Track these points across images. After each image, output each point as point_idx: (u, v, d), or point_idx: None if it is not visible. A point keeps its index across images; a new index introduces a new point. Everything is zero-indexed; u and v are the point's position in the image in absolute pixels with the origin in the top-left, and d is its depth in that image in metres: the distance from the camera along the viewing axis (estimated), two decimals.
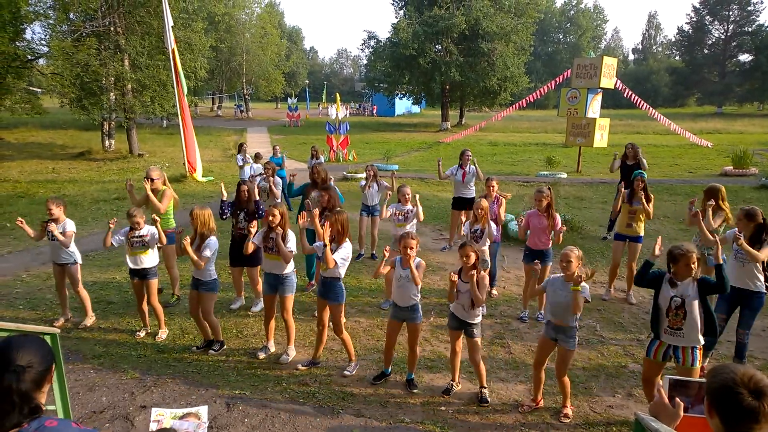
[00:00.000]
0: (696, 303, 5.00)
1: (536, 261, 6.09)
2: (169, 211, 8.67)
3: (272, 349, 7.10)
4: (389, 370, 6.49)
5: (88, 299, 8.01)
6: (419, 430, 5.39)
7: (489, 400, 5.91)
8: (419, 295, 6.11)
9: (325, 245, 6.07)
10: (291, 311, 6.91)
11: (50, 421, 2.34)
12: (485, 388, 5.99)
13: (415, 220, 8.84)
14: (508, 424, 5.53)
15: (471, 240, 7.66)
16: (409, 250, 5.89)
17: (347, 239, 6.46)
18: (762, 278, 6.34)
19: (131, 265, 7.44)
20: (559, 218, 7.99)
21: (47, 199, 7.71)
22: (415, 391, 6.16)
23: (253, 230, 6.81)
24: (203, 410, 3.92)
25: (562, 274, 5.51)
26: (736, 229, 6.58)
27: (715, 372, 2.27)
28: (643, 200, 8.45)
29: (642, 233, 8.80)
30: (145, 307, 7.58)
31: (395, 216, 8.88)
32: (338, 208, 6.86)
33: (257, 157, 15.50)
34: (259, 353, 7.00)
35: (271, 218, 6.64)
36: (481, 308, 5.91)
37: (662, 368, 5.28)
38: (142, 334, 7.62)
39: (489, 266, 8.27)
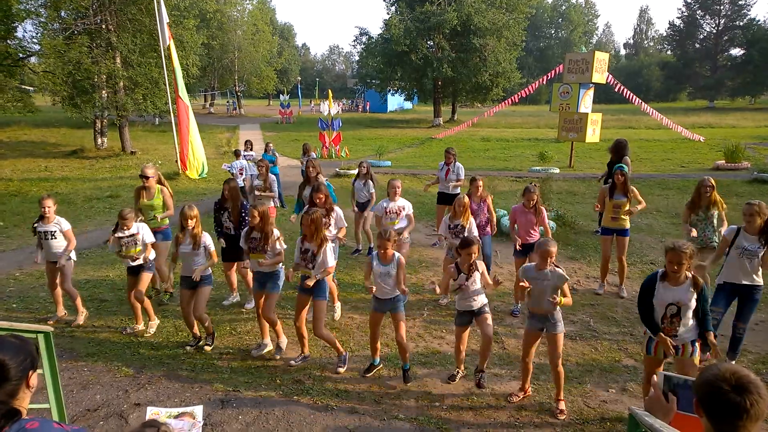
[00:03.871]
0: (691, 312, 4.96)
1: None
2: (161, 208, 8.69)
3: (269, 347, 7.09)
4: (378, 360, 6.54)
5: (77, 295, 8.00)
6: (413, 427, 5.41)
7: (485, 386, 6.06)
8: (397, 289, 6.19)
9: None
10: (271, 309, 6.82)
11: (31, 423, 2.29)
12: (484, 372, 6.13)
13: (405, 214, 8.79)
14: (502, 420, 5.54)
15: (452, 236, 7.75)
16: (384, 250, 6.02)
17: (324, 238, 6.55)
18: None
19: (126, 265, 7.50)
20: (545, 213, 8.08)
21: (45, 197, 7.71)
22: (408, 384, 6.22)
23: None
24: (198, 410, 3.93)
25: (534, 264, 5.58)
26: (735, 226, 6.59)
27: (703, 370, 2.28)
28: (632, 201, 8.55)
29: (628, 226, 8.83)
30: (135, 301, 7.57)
31: (385, 215, 8.80)
32: (313, 208, 6.84)
33: (236, 154, 15.50)
34: (254, 351, 7.00)
35: (250, 219, 6.68)
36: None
37: (662, 363, 5.28)
38: (129, 330, 7.64)
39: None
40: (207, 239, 7.01)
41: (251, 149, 16.92)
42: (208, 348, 7.09)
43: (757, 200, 6.43)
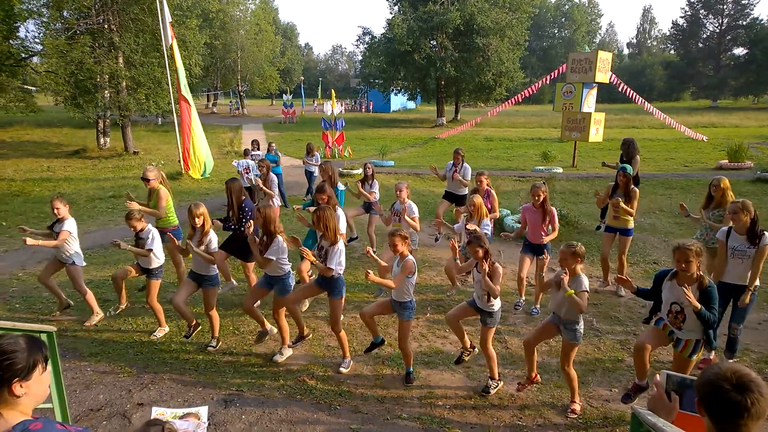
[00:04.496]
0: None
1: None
2: (171, 208, 8.70)
3: (273, 332, 7.08)
4: (380, 338, 6.61)
5: (87, 293, 8.00)
6: (416, 426, 5.40)
7: (491, 392, 5.99)
8: (412, 296, 6.11)
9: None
10: (282, 313, 6.81)
11: (35, 424, 2.27)
12: (493, 380, 6.08)
13: (408, 216, 8.77)
14: (505, 419, 5.54)
15: (468, 235, 7.71)
16: (394, 248, 5.96)
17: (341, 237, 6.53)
18: None
19: (139, 263, 7.54)
20: (555, 212, 8.01)
21: (52, 198, 7.70)
22: (410, 384, 6.22)
23: (251, 229, 6.75)
24: (203, 410, 3.92)
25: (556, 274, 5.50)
26: (726, 226, 6.58)
27: (704, 369, 2.28)
28: (622, 204, 8.47)
29: (631, 226, 8.76)
30: (122, 285, 7.59)
31: (391, 217, 8.82)
32: (321, 206, 6.83)
33: (246, 153, 15.50)
34: (255, 341, 7.03)
35: (255, 219, 6.63)
36: (497, 298, 5.90)
37: (661, 342, 5.32)
38: (122, 306, 7.96)
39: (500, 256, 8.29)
40: (211, 239, 6.99)
41: (258, 149, 16.92)
42: (211, 349, 7.09)
43: (740, 199, 6.41)
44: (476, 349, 6.54)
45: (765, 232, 6.22)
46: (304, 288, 6.64)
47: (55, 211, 7.58)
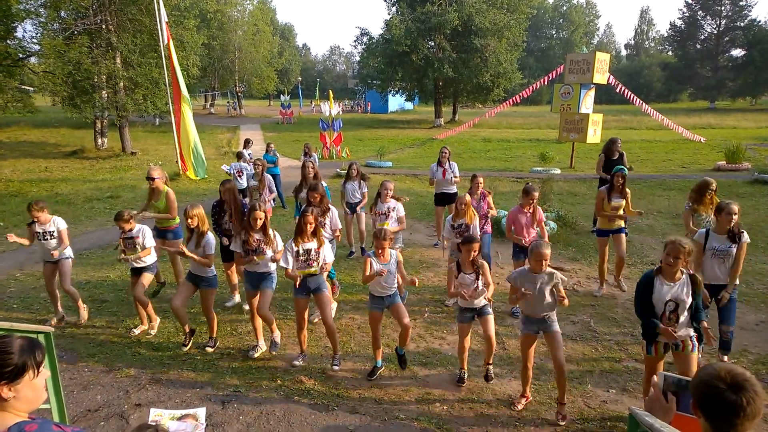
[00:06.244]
0: (688, 305, 4.99)
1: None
2: (165, 211, 8.70)
3: (263, 348, 7.07)
4: (380, 362, 6.53)
5: (77, 294, 7.97)
6: (414, 427, 5.40)
7: (494, 376, 6.15)
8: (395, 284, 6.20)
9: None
10: (267, 306, 6.78)
11: (30, 426, 2.22)
12: (491, 365, 6.17)
13: (395, 216, 8.74)
14: (502, 420, 5.54)
15: (456, 236, 7.71)
16: (381, 250, 6.00)
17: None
18: None
19: (132, 266, 7.48)
20: (542, 213, 8.01)
21: (30, 207, 7.62)
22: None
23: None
24: (201, 412, 3.91)
25: (527, 267, 5.54)
26: (704, 229, 6.64)
27: (699, 370, 2.28)
28: (629, 207, 8.57)
29: (624, 225, 8.81)
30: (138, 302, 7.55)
31: (376, 216, 8.79)
32: (309, 207, 6.82)
33: (239, 156, 15.47)
34: (250, 352, 6.98)
35: (257, 221, 6.59)
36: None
37: (663, 361, 5.26)
38: (138, 331, 7.62)
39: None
40: (208, 240, 6.96)
41: (248, 147, 16.78)
42: (209, 349, 7.08)
43: (727, 200, 6.49)
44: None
45: (742, 230, 6.31)
46: (299, 311, 6.62)
47: (36, 219, 7.54)
